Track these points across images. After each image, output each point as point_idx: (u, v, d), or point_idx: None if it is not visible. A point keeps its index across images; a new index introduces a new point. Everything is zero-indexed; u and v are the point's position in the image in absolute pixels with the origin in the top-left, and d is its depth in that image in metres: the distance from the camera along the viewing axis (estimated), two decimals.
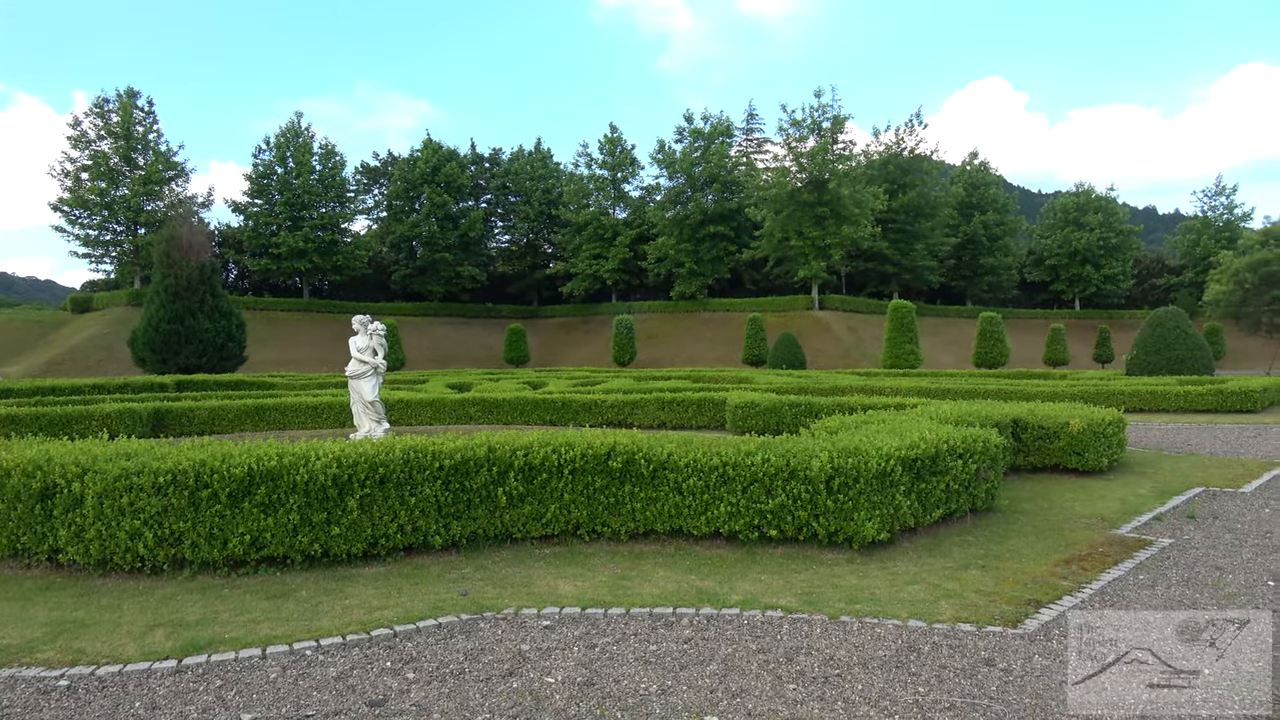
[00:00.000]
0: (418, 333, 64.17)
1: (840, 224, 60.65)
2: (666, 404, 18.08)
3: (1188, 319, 30.59)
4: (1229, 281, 44.91)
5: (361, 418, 13.43)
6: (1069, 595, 5.82)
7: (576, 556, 6.96)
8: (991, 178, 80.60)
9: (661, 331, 67.50)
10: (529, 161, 78.86)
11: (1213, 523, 8.14)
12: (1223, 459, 12.48)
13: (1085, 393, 19.67)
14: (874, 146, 71.70)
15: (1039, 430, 10.96)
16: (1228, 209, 78.62)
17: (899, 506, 7.09)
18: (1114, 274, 78.09)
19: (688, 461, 7.15)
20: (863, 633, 5.08)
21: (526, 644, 4.96)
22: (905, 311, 44.22)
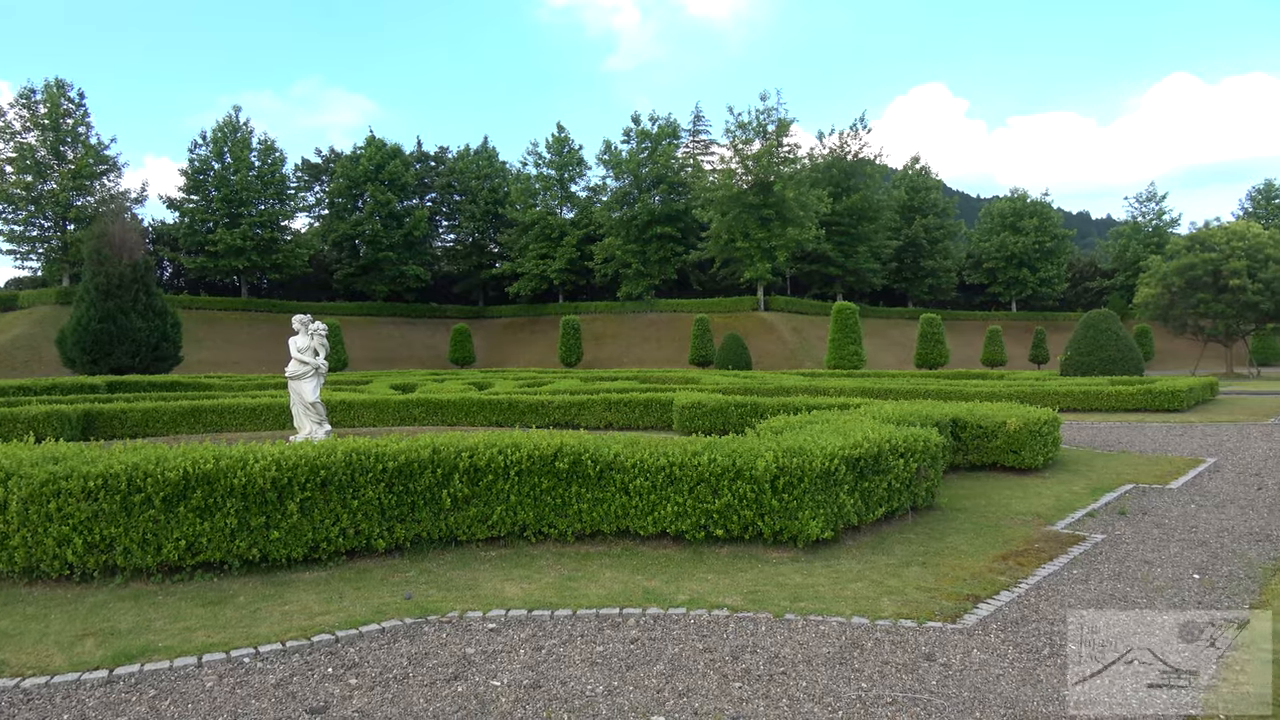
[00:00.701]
0: (361, 333, 63.19)
1: (785, 226, 61.30)
2: (613, 405, 18.08)
3: (1119, 321, 31.58)
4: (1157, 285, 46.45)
5: (302, 419, 13.18)
6: (1006, 590, 5.96)
7: (523, 558, 6.92)
8: (932, 182, 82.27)
9: (608, 332, 67.49)
10: (475, 160, 78.17)
11: (1142, 518, 8.41)
12: (1152, 456, 12.91)
13: (1022, 392, 20.18)
14: (818, 150, 72.64)
15: (977, 429, 11.21)
16: (1157, 215, 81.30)
17: (843, 505, 7.18)
18: (1049, 277, 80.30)
19: (635, 462, 7.15)
20: (807, 630, 5.14)
21: (472, 647, 4.91)
22: (849, 313, 44.89)
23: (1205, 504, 9.12)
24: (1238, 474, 11.14)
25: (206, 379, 28.55)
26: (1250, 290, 41.95)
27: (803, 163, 65.69)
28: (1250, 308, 43.06)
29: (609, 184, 72.50)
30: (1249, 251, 42.84)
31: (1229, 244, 43.57)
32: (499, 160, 79.78)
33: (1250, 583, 6.11)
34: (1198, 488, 10.14)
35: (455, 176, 77.72)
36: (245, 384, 26.64)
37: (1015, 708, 4.06)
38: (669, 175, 69.23)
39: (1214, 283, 43.87)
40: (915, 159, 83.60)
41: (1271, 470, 11.40)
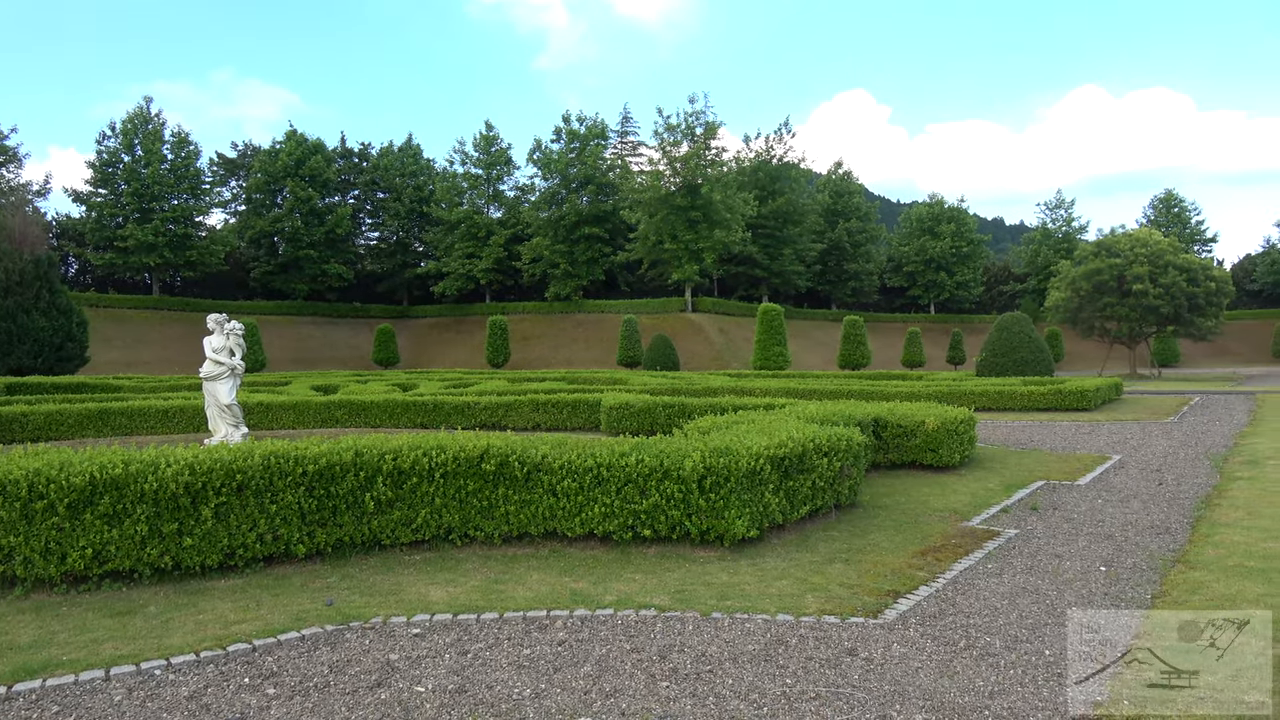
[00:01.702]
0: (279, 333, 61.49)
1: (712, 228, 61.87)
2: (541, 405, 17.99)
3: (1031, 324, 32.77)
4: (1067, 289, 48.30)
5: (218, 422, 12.77)
6: (925, 585, 6.12)
7: (448, 562, 6.83)
8: (855, 187, 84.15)
9: (536, 333, 67.12)
10: (400, 157, 76.81)
11: (1053, 513, 8.74)
12: (1062, 454, 13.43)
13: (940, 393, 20.78)
14: (745, 153, 73.53)
15: (898, 429, 11.50)
16: (1067, 222, 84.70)
17: (768, 504, 7.28)
18: (965, 280, 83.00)
19: (562, 463, 7.13)
20: (733, 628, 5.19)
21: (396, 653, 4.82)
22: (774, 315, 45.57)
23: (1111, 499, 9.52)
24: (1141, 470, 11.67)
25: (115, 380, 27.39)
26: (1152, 295, 43.95)
27: (729, 166, 66.44)
28: (1152, 311, 45.12)
29: (538, 184, 72.13)
30: (1150, 258, 44.89)
31: (1132, 250, 45.58)
32: (424, 158, 78.62)
33: (1152, 574, 6.41)
34: (1104, 484, 10.59)
35: (379, 173, 76.24)
36: (157, 385, 25.68)
37: (933, 699, 4.17)
38: (597, 176, 69.21)
39: (1119, 287, 45.83)
40: (839, 164, 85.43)
41: (1171, 466, 11.97)
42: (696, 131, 63.83)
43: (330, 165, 71.27)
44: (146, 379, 30.34)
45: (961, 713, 4.02)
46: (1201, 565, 6.58)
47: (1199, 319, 45.78)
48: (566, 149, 69.49)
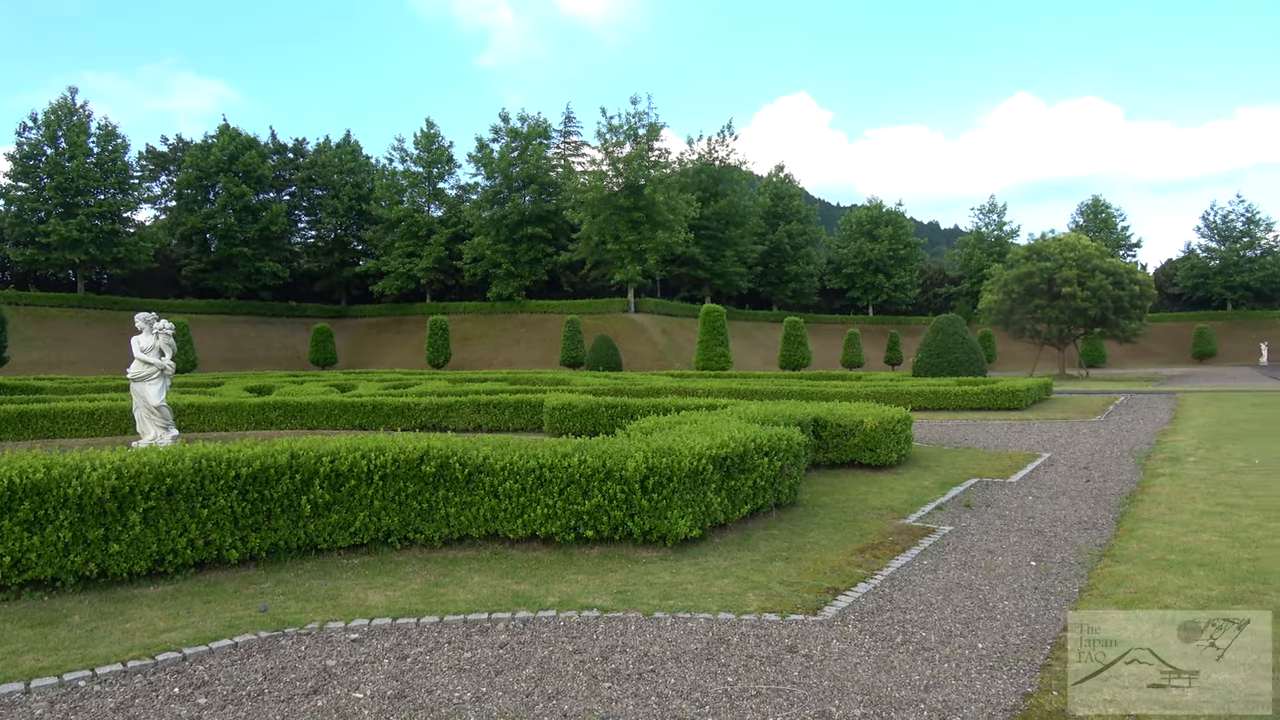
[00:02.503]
0: (212, 332, 59.87)
1: (655, 229, 62.06)
2: (483, 406, 17.83)
3: (965, 325, 33.56)
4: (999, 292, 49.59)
5: (146, 424, 12.38)
6: (863, 582, 6.23)
7: (387, 565, 6.73)
8: (795, 189, 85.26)
9: (478, 333, 66.53)
10: (338, 154, 75.36)
11: (986, 510, 8.96)
12: (994, 452, 13.78)
13: (877, 393, 21.14)
14: (688, 155, 73.87)
15: (837, 428, 11.68)
16: (999, 226, 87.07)
17: (710, 504, 7.33)
18: (903, 283, 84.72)
19: (504, 464, 7.08)
20: (676, 628, 5.21)
21: (333, 659, 4.73)
22: (716, 315, 45.89)
23: (1041, 496, 9.80)
24: (1069, 467, 12.04)
25: (36, 381, 26.39)
26: (1080, 297, 45.37)
27: (672, 167, 66.75)
28: (1080, 314, 46.57)
29: (480, 183, 71.48)
30: (1079, 262, 46.33)
31: (1062, 254, 46.99)
32: (364, 155, 77.35)
33: (1080, 568, 6.61)
34: (1035, 481, 10.89)
35: (316, 170, 74.74)
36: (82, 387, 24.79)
37: (871, 694, 4.24)
38: (540, 175, 68.90)
39: (1049, 290, 47.21)
40: (780, 167, 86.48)
41: (1098, 464, 12.37)
42: (639, 132, 63.95)
43: (265, 161, 69.63)
44: (71, 380, 29.27)
45: (898, 706, 4.09)
46: (1126, 559, 6.81)
47: (1124, 321, 47.41)
48: (508, 148, 68.99)
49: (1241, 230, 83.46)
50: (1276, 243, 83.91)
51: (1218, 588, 5.88)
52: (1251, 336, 77.00)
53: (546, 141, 71.83)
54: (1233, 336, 78.67)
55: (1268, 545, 7.08)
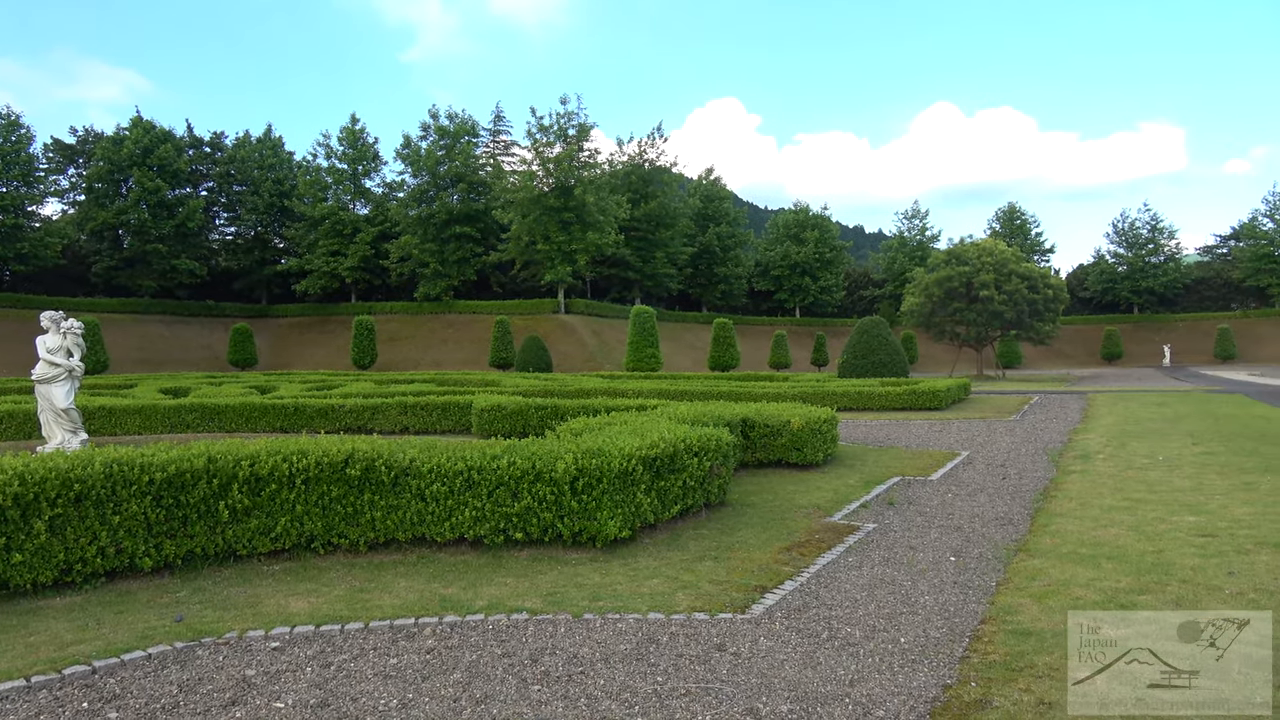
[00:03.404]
0: (124, 332, 57.54)
1: (586, 230, 61.95)
2: (409, 408, 17.55)
3: (888, 327, 34.35)
4: (920, 295, 50.97)
5: (53, 428, 11.84)
6: (790, 580, 6.32)
7: (310, 571, 6.57)
8: (724, 192, 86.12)
9: (404, 333, 65.44)
10: (258, 149, 73.22)
11: (908, 507, 9.19)
12: (916, 451, 14.14)
13: (804, 393, 21.50)
14: (618, 156, 73.92)
15: (765, 428, 11.83)
16: (921, 231, 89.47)
17: (640, 504, 7.35)
18: (829, 285, 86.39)
19: (431, 467, 6.98)
20: (605, 629, 5.21)
21: (253, 669, 4.60)
22: (646, 317, 46.03)
23: (960, 493, 10.10)
24: (987, 465, 12.43)
25: None
26: (997, 301, 46.91)
27: (603, 168, 66.69)
28: (997, 316, 48.15)
29: (407, 180, 70.29)
30: (996, 266, 47.91)
31: (980, 259, 48.53)
32: (285, 150, 75.33)
33: (997, 563, 6.83)
34: (954, 478, 11.21)
35: (236, 165, 72.43)
36: None
37: (798, 690, 4.31)
38: (469, 174, 68.11)
39: (967, 293, 48.71)
40: (709, 170, 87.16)
41: (1013, 461, 12.80)
42: (569, 133, 63.76)
43: (181, 155, 67.19)
44: None
45: (824, 701, 4.17)
46: (1040, 553, 7.06)
47: (1038, 324, 49.20)
48: (436, 146, 68.04)
49: (1147, 238, 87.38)
50: (1178, 250, 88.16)
51: (1125, 579, 6.14)
52: (1155, 339, 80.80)
53: (475, 140, 71.09)
54: (1138, 339, 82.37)
55: (1170, 538, 7.43)
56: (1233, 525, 7.88)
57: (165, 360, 57.10)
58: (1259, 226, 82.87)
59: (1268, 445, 13.90)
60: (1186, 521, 8.12)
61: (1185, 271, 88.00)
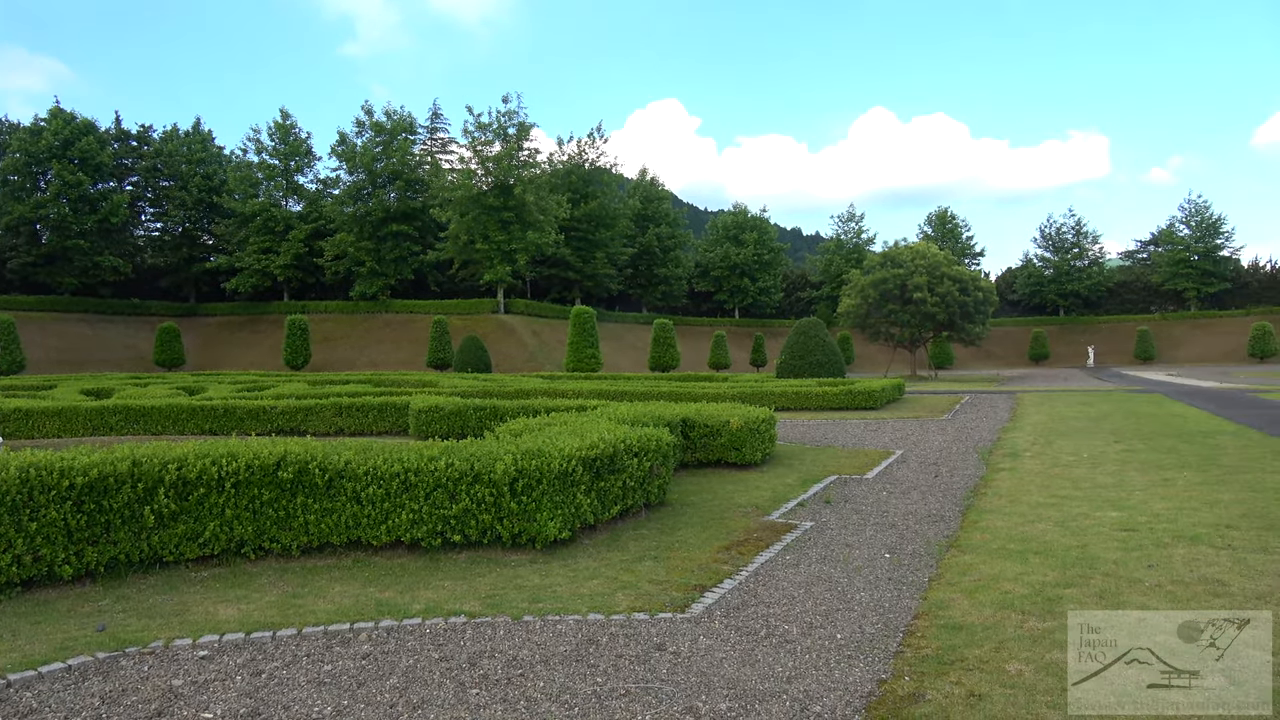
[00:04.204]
0: (43, 331, 55.37)
1: (525, 229, 61.59)
2: (345, 409, 17.23)
3: (825, 328, 34.87)
4: (856, 297, 51.91)
5: None
6: (729, 579, 6.37)
7: (240, 577, 6.39)
8: (664, 193, 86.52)
9: (339, 333, 64.23)
10: (186, 142, 70.97)
11: (844, 506, 9.34)
12: (852, 450, 14.38)
13: (743, 393, 21.71)
14: (558, 155, 73.70)
15: (704, 428, 11.91)
16: (857, 234, 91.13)
17: (580, 505, 7.33)
18: (767, 287, 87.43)
19: (367, 469, 6.86)
20: (545, 631, 5.18)
21: (180, 678, 4.46)
22: (587, 317, 45.97)
23: (895, 491, 10.30)
24: (920, 463, 12.70)
25: None
26: (930, 303, 48.02)
27: (543, 167, 66.39)
28: (930, 318, 49.29)
29: (342, 177, 68.99)
30: (929, 269, 49.04)
31: (913, 262, 49.62)
32: (215, 145, 73.18)
33: (929, 559, 6.98)
34: (889, 477, 11.43)
35: (163, 159, 70.12)
36: None
37: (736, 688, 4.34)
38: (406, 172, 67.17)
39: (901, 295, 49.74)
40: (648, 170, 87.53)
41: (945, 460, 13.11)
42: (509, 132, 63.33)
43: (105, 148, 64.76)
44: None
45: (762, 698, 4.21)
46: (970, 549, 7.25)
47: (969, 326, 50.50)
48: (372, 142, 66.90)
49: (1072, 242, 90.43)
50: (1102, 255, 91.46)
51: (1052, 573, 6.34)
52: (1080, 340, 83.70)
53: (413, 137, 70.13)
54: (1064, 340, 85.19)
55: (1094, 533, 7.69)
56: (1152, 520, 8.19)
57: (87, 360, 55.04)
58: (1176, 233, 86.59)
59: (1184, 443, 14.48)
60: (1109, 517, 8.41)
61: (1108, 275, 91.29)
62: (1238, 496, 9.31)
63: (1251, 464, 11.77)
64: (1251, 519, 8.12)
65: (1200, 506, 8.78)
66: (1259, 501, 9.00)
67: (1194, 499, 9.23)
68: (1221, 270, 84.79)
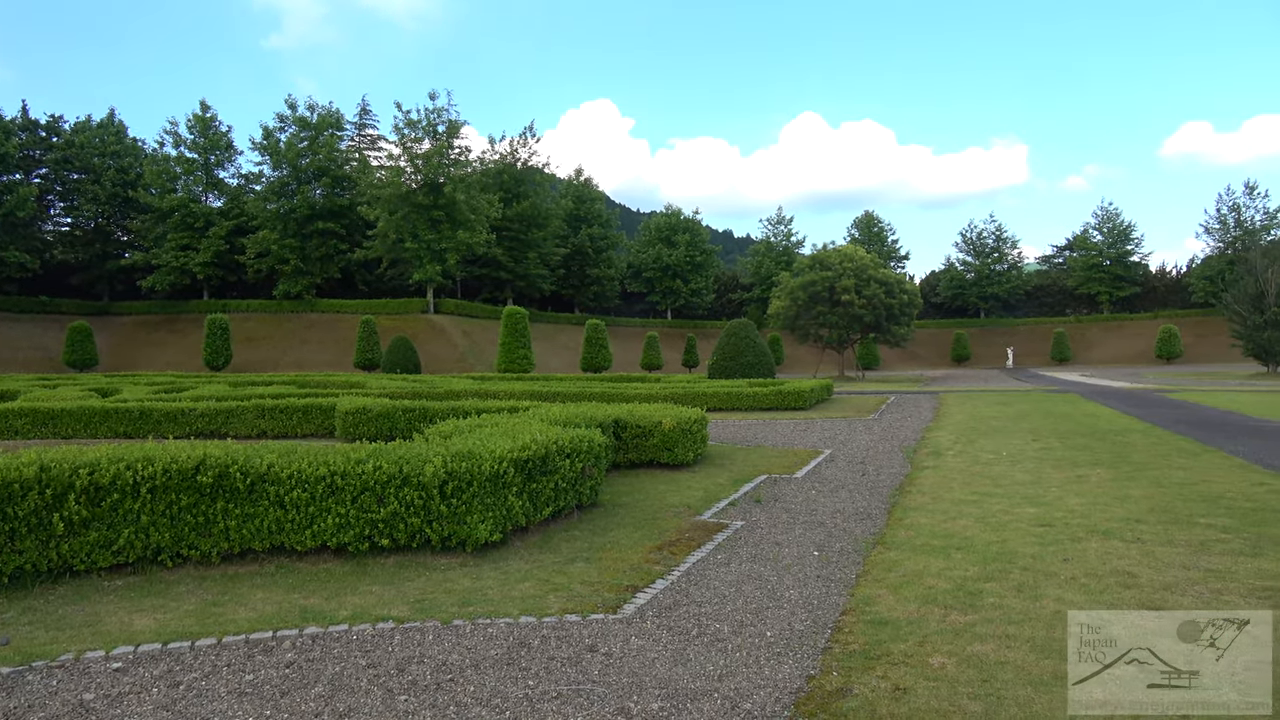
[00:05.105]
0: None
1: (456, 228, 60.89)
2: (268, 411, 16.77)
3: (755, 330, 35.29)
4: (786, 298, 52.65)
5: None
6: (661, 579, 6.39)
7: (157, 586, 6.17)
8: (597, 194, 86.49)
9: (263, 333, 62.53)
10: (99, 134, 68.21)
11: (774, 505, 9.46)
12: (782, 450, 14.58)
13: (675, 394, 21.82)
14: (490, 154, 73.02)
15: (637, 429, 11.93)
16: (787, 236, 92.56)
17: (511, 507, 7.27)
18: (699, 288, 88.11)
19: (291, 473, 6.68)
20: (475, 634, 5.12)
21: (91, 692, 4.28)
22: (519, 318, 45.65)
23: (823, 489, 10.47)
24: (848, 462, 12.94)
25: None
26: (857, 305, 49.00)
27: (474, 166, 65.74)
28: (857, 320, 50.30)
29: (265, 173, 67.23)
30: (856, 272, 50.03)
31: (841, 265, 50.57)
32: (130, 137, 70.50)
33: (856, 556, 7.12)
34: (817, 476, 11.62)
35: (74, 151, 67.24)
36: None
37: (668, 687, 4.36)
38: (333, 168, 65.76)
39: (830, 297, 50.63)
40: (581, 170, 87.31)
41: (872, 458, 13.38)
42: (439, 129, 62.54)
43: (10, 138, 61.76)
44: None
45: (693, 697, 4.23)
46: (895, 546, 7.41)
47: (895, 327, 51.70)
48: (296, 137, 65.31)
49: (992, 247, 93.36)
50: (1020, 259, 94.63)
51: (973, 568, 6.52)
52: (1000, 342, 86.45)
53: (340, 133, 68.71)
54: (985, 342, 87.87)
55: (1013, 528, 7.94)
56: (1067, 515, 8.50)
57: None
58: (1090, 239, 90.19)
59: (1096, 441, 15.07)
60: (1027, 513, 8.70)
61: (1026, 279, 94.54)
62: (1146, 492, 9.73)
63: (1158, 460, 12.32)
64: (1158, 513, 8.49)
65: (1112, 502, 9.15)
66: (1165, 496, 9.42)
67: (1106, 495, 9.61)
68: (1132, 275, 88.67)
